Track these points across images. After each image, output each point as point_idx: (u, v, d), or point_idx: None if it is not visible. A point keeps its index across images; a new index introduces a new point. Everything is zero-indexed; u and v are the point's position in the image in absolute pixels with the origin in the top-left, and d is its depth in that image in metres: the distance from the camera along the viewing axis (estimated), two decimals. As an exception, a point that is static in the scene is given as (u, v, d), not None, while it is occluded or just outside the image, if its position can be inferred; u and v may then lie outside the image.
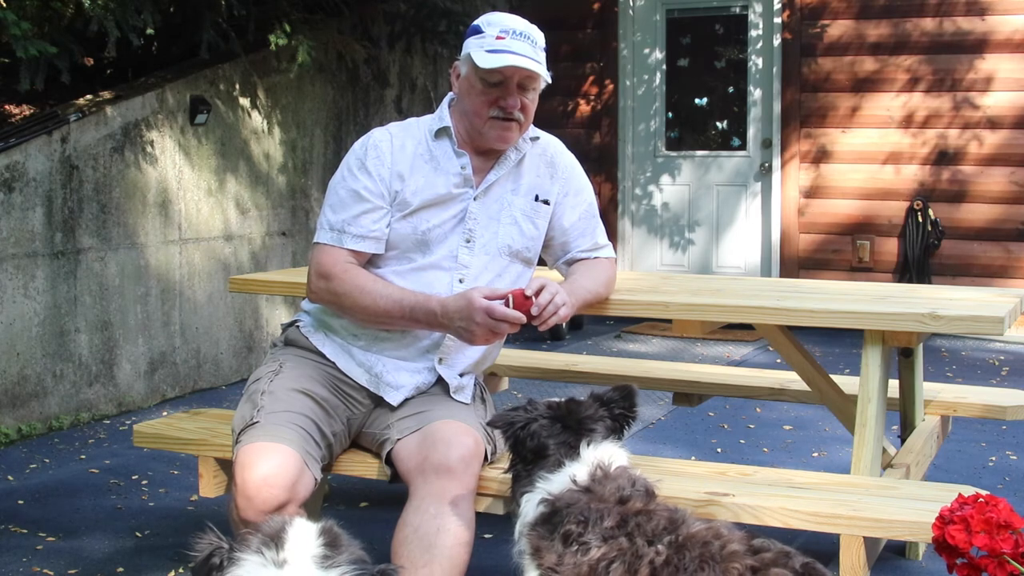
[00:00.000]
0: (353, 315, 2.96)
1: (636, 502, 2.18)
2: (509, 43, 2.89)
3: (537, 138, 3.14)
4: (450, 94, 3.12)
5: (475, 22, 3.00)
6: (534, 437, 2.39)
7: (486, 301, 2.76)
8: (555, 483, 2.31)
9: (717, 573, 1.97)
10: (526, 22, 2.97)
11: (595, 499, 2.20)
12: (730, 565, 1.98)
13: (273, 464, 2.69)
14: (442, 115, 3.06)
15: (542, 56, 2.95)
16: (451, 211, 3.00)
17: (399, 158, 2.99)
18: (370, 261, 3.02)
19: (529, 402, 2.48)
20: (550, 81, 3.00)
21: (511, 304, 2.78)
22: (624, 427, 2.49)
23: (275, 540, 1.78)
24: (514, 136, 3.00)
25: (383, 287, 2.92)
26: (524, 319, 2.79)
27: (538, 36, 2.97)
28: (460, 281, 3.01)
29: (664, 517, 2.13)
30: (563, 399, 2.49)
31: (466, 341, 2.87)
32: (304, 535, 1.81)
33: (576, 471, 2.30)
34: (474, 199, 3.02)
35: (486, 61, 2.88)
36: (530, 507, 2.33)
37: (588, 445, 2.35)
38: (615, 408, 2.48)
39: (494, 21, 2.95)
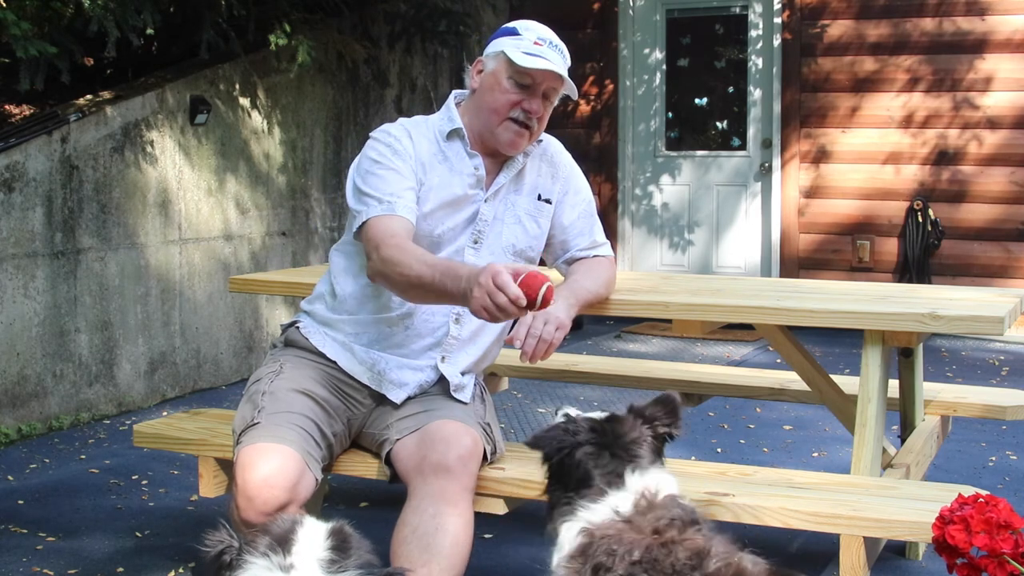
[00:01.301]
0: (398, 286, 2.82)
1: (671, 532, 2.05)
2: (546, 51, 2.95)
3: (540, 140, 3.15)
4: (454, 93, 3.12)
5: (509, 24, 3.04)
6: (579, 466, 2.23)
7: (499, 267, 2.58)
8: (597, 512, 2.16)
9: None
10: (556, 36, 3.03)
11: (632, 529, 2.07)
12: None
13: (274, 465, 2.69)
14: (451, 116, 3.06)
15: (566, 73, 3.00)
16: (464, 214, 3.01)
17: (420, 151, 3.00)
18: None
19: (568, 420, 2.32)
20: (576, 97, 3.06)
21: (519, 281, 2.57)
22: (667, 442, 2.34)
23: (282, 543, 1.78)
24: (524, 144, 3.02)
25: (422, 253, 2.80)
26: (521, 300, 2.55)
27: (567, 53, 3.02)
28: (464, 282, 3.01)
29: (690, 550, 1.99)
30: (604, 416, 2.32)
31: (473, 309, 2.64)
32: (312, 537, 1.80)
33: (620, 501, 2.16)
34: (484, 201, 3.03)
35: (525, 61, 2.91)
36: (569, 537, 2.18)
37: (634, 472, 2.20)
38: (659, 426, 2.32)
39: (531, 27, 3.01)
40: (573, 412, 2.38)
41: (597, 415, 2.34)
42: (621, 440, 2.25)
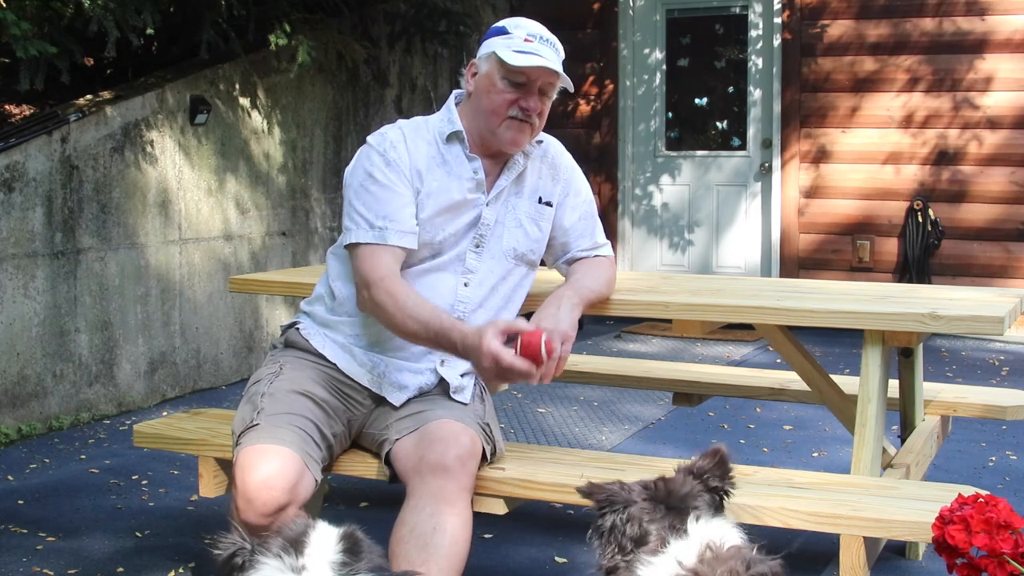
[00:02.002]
0: (389, 328, 2.90)
1: None
2: (537, 47, 2.93)
3: (540, 141, 3.14)
4: (455, 93, 3.11)
5: (499, 24, 3.01)
6: (634, 522, 2.13)
7: (495, 346, 2.65)
8: (659, 567, 2.05)
9: None
10: (547, 31, 3.01)
11: None
12: None
13: (274, 466, 2.68)
14: (451, 118, 3.03)
15: (561, 66, 2.97)
16: (465, 218, 2.99)
17: (416, 157, 2.97)
18: None
19: (622, 485, 2.22)
20: (572, 90, 3.03)
21: (518, 350, 2.66)
22: (723, 498, 2.24)
23: (295, 545, 1.78)
24: (526, 140, 3.00)
25: (414, 305, 2.82)
26: (532, 371, 2.67)
27: (560, 46, 3.00)
28: (465, 285, 3.00)
29: None
30: (655, 479, 2.22)
31: (485, 380, 2.80)
32: (324, 541, 1.80)
33: (682, 552, 2.05)
34: (486, 205, 3.02)
35: (517, 59, 2.89)
36: None
37: (696, 521, 2.11)
38: (710, 479, 2.23)
39: (521, 24, 2.98)
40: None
41: (647, 479, 2.25)
42: (675, 495, 2.16)
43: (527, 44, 2.92)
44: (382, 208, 2.89)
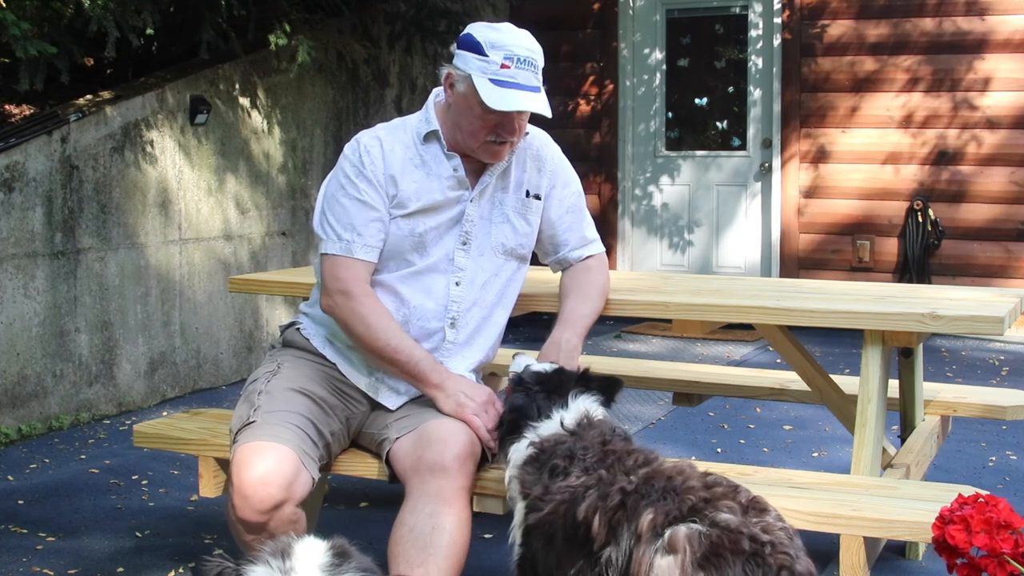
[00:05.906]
0: (355, 339, 2.95)
1: (616, 444, 2.50)
2: (514, 73, 2.82)
3: (527, 133, 3.12)
4: (435, 92, 3.08)
5: (476, 38, 2.86)
6: (531, 403, 2.71)
7: (475, 409, 2.87)
8: (544, 429, 2.62)
9: (676, 502, 2.18)
10: (527, 39, 2.88)
11: (580, 440, 2.52)
12: (686, 496, 2.19)
13: (269, 463, 2.69)
14: (429, 117, 3.02)
15: (540, 80, 2.89)
16: (448, 214, 2.99)
17: (391, 162, 2.97)
18: None
19: (520, 379, 2.80)
20: (550, 116, 2.90)
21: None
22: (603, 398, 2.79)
23: (283, 553, 1.78)
24: (506, 154, 2.99)
25: (396, 331, 2.91)
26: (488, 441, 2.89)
27: (539, 57, 2.89)
28: (457, 284, 3.00)
29: (641, 455, 2.43)
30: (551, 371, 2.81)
31: (449, 409, 2.87)
32: (312, 548, 1.81)
33: (565, 417, 2.62)
34: (470, 201, 3.01)
35: (494, 101, 2.81)
36: (518, 453, 2.62)
37: (575, 397, 2.68)
38: (593, 385, 2.78)
39: (497, 44, 2.83)
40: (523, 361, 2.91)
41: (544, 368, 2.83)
42: (559, 377, 2.78)
43: (504, 71, 2.81)
44: (351, 221, 2.95)
